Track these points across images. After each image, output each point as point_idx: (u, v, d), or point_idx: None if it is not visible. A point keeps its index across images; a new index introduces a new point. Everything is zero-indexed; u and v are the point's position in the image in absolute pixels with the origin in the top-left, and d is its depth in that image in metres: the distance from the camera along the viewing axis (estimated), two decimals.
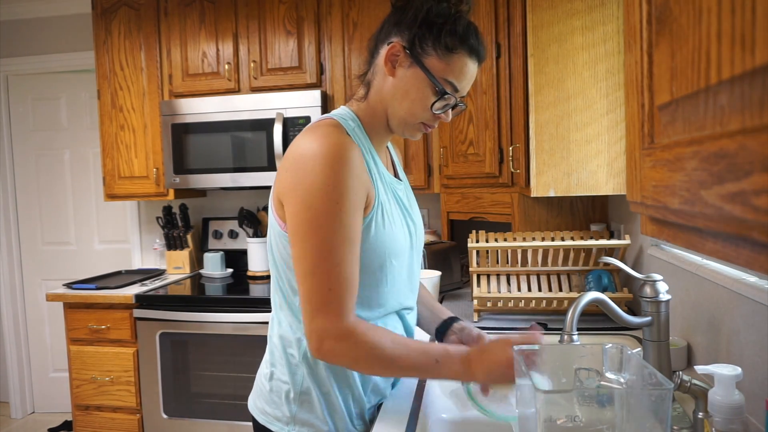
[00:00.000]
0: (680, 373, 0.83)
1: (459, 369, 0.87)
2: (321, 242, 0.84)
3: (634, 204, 0.58)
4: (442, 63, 0.90)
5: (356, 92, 1.01)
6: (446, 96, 0.91)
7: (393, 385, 1.09)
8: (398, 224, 0.97)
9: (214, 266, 2.76)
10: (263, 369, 1.03)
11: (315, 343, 0.85)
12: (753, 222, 0.30)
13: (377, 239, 0.92)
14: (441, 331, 1.15)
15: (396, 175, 1.08)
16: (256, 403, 1.02)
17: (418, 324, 1.17)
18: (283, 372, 0.97)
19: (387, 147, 1.08)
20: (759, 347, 0.92)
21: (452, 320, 1.15)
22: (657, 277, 1.07)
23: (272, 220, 0.96)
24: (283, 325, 0.98)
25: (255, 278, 2.69)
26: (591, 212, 1.95)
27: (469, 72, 0.92)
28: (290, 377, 0.96)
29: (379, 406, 1.03)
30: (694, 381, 0.83)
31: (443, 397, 1.10)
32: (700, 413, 0.83)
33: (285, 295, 0.97)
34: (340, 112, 0.98)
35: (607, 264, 1.65)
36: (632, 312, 1.63)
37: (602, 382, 0.84)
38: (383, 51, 0.93)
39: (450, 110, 0.95)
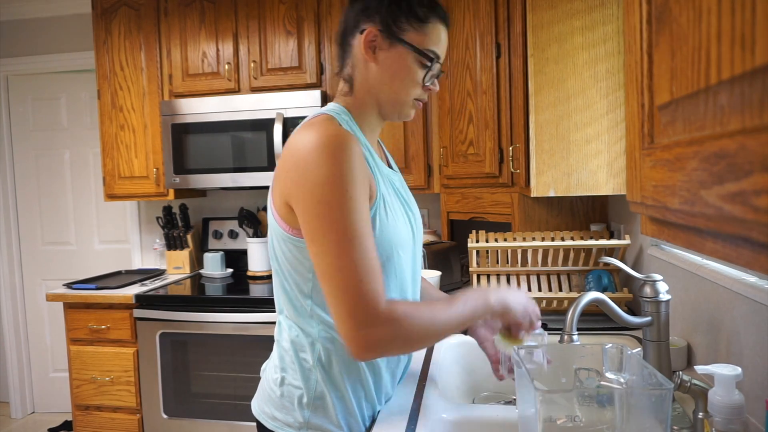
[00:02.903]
0: (680, 373, 0.83)
1: (478, 296, 0.92)
2: (340, 236, 0.81)
3: (634, 204, 0.58)
4: (420, 35, 0.92)
5: (340, 88, 1.00)
6: (433, 66, 0.93)
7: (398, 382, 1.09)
8: (400, 216, 0.96)
9: (214, 266, 2.76)
10: (271, 374, 1.00)
11: (361, 340, 0.81)
12: (753, 222, 0.30)
13: (383, 232, 0.91)
14: None
15: (389, 166, 1.07)
16: (263, 409, 1.00)
17: None
18: (295, 377, 0.95)
19: (378, 140, 1.09)
20: (759, 347, 0.92)
21: None
22: (657, 277, 1.07)
23: (273, 222, 0.94)
24: (293, 329, 0.96)
25: (255, 278, 2.69)
26: (591, 212, 1.95)
27: (443, 38, 0.96)
28: (303, 382, 0.94)
29: None
30: (694, 381, 0.83)
31: (443, 397, 1.10)
32: (700, 413, 0.83)
33: (291, 298, 0.95)
34: (331, 107, 0.97)
35: (607, 264, 1.66)
36: (632, 312, 1.63)
37: (602, 382, 0.84)
38: (358, 41, 0.94)
39: (436, 79, 0.97)
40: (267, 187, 2.69)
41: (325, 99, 2.51)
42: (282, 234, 0.92)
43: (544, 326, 1.57)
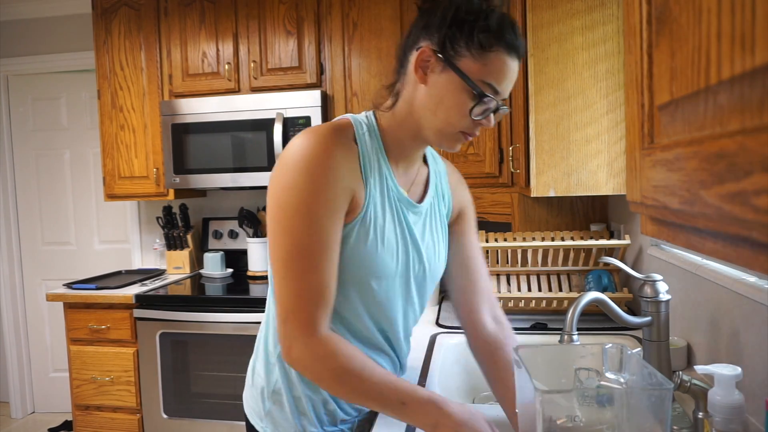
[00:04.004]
0: (680, 373, 0.83)
1: (425, 422, 0.79)
2: (291, 245, 0.79)
3: (634, 204, 0.58)
4: (477, 64, 0.81)
5: (382, 101, 0.94)
6: (485, 99, 0.82)
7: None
8: (391, 247, 0.88)
9: (214, 266, 2.76)
10: (251, 361, 1.03)
11: (284, 349, 0.82)
12: (753, 222, 0.30)
13: (354, 253, 0.85)
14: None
15: (421, 199, 0.97)
16: (245, 395, 1.04)
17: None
18: (261, 368, 0.97)
19: (424, 165, 1.00)
20: (759, 347, 0.92)
21: None
22: (657, 277, 1.07)
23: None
24: (269, 324, 0.98)
25: (255, 278, 2.69)
26: (591, 212, 1.95)
27: (509, 71, 0.83)
28: (265, 375, 0.96)
29: (364, 419, 1.02)
30: (694, 381, 0.83)
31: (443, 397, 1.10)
32: (700, 413, 0.83)
33: (272, 293, 0.95)
34: (360, 115, 0.93)
35: (607, 264, 1.66)
36: (632, 312, 1.63)
37: (602, 382, 0.84)
38: (412, 58, 0.86)
39: (492, 115, 0.86)
40: (267, 188, 2.69)
41: (325, 99, 2.51)
42: None
43: (544, 326, 1.57)
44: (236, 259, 2.91)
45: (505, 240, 1.73)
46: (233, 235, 2.91)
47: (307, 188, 0.79)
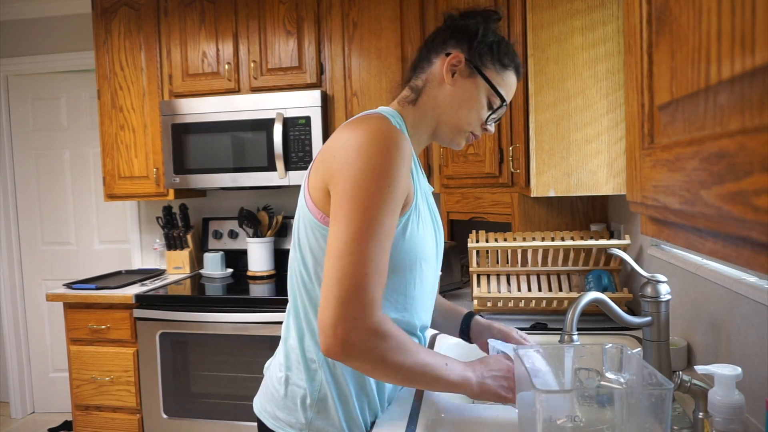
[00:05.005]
0: (680, 373, 0.83)
1: (462, 372, 0.88)
2: (366, 222, 0.79)
3: (634, 204, 0.58)
4: (497, 77, 0.98)
5: (401, 94, 1.03)
6: (502, 106, 1.00)
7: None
8: (429, 231, 0.96)
9: (214, 266, 2.76)
10: (276, 372, 0.99)
11: (340, 333, 0.76)
12: (753, 222, 0.30)
13: (412, 240, 0.90)
14: (465, 330, 1.17)
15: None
16: (265, 407, 0.99)
17: (435, 327, 1.18)
18: (300, 377, 0.94)
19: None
20: (759, 347, 0.92)
21: (470, 315, 1.18)
22: (661, 278, 1.06)
23: (305, 210, 0.92)
24: (301, 327, 0.95)
25: (255, 278, 2.69)
26: (591, 212, 1.95)
27: (514, 87, 1.03)
28: (308, 382, 0.93)
29: None
30: (694, 381, 0.83)
31: (443, 396, 1.10)
32: (700, 413, 0.83)
33: (309, 289, 0.93)
34: (386, 110, 0.98)
35: (607, 263, 1.66)
36: (632, 312, 1.63)
37: (602, 382, 0.85)
38: (440, 60, 0.98)
39: (495, 123, 1.03)
40: (267, 188, 2.69)
41: (325, 99, 2.51)
42: (312, 222, 0.91)
43: (544, 326, 1.57)
44: (236, 259, 2.91)
45: (505, 240, 1.73)
46: (233, 235, 2.91)
47: (388, 173, 0.82)
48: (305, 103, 2.43)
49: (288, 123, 2.44)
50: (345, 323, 0.77)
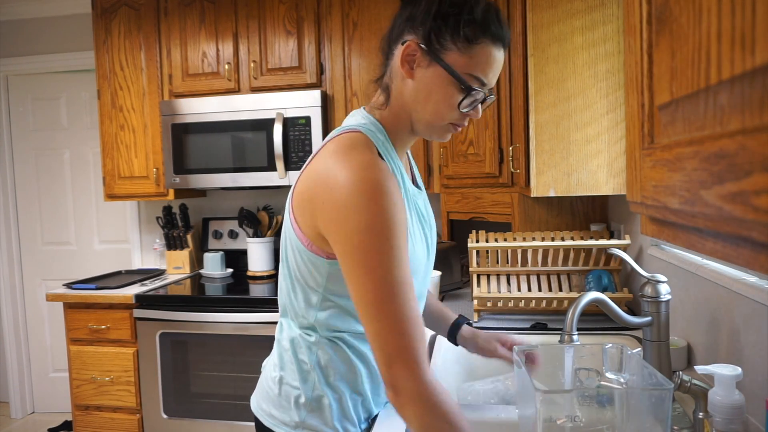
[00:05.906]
0: (680, 373, 0.83)
1: None
2: (379, 284, 0.76)
3: (634, 204, 0.58)
4: (464, 57, 0.82)
5: (375, 98, 0.94)
6: (473, 92, 0.83)
7: None
8: (419, 240, 0.92)
9: (214, 266, 2.76)
10: (270, 372, 0.99)
11: (391, 393, 0.77)
12: (753, 222, 0.30)
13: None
14: (453, 334, 1.17)
15: (414, 181, 1.00)
16: (261, 406, 0.99)
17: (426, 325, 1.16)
18: (293, 377, 0.94)
19: (407, 152, 1.02)
20: (759, 347, 0.92)
21: (462, 320, 1.17)
22: (661, 278, 1.06)
23: (291, 232, 0.90)
24: (293, 331, 0.95)
25: (255, 278, 2.69)
26: (591, 212, 1.95)
27: (495, 61, 0.84)
28: (301, 383, 0.93)
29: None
30: (694, 381, 0.83)
31: None
32: (700, 413, 0.83)
33: (295, 306, 0.93)
34: (365, 122, 0.90)
35: (607, 263, 1.66)
36: (632, 312, 1.63)
37: (602, 382, 0.85)
38: (398, 52, 0.86)
39: (479, 105, 0.88)
40: (267, 188, 2.69)
41: (325, 99, 2.51)
42: (299, 246, 0.88)
43: (544, 326, 1.57)
44: (236, 259, 2.91)
45: (505, 240, 1.73)
46: (233, 235, 2.91)
47: (385, 226, 0.76)
48: (305, 103, 2.43)
49: (288, 123, 2.44)
50: (395, 385, 0.76)
